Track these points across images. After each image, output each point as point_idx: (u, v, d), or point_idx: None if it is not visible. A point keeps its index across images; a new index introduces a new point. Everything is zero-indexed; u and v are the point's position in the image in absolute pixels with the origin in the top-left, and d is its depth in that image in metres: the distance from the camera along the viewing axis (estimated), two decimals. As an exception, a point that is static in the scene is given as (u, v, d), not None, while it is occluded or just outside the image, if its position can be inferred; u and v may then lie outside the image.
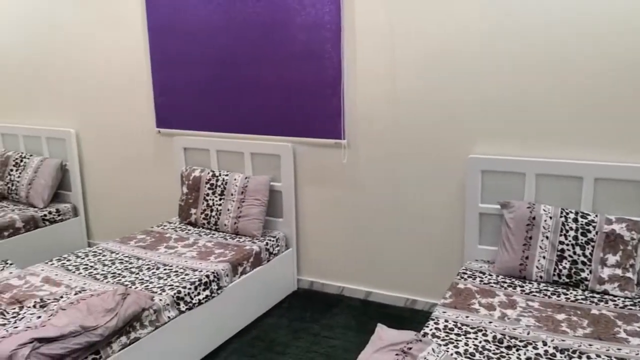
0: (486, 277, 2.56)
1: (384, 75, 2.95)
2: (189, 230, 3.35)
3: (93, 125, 3.99)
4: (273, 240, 3.21)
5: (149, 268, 2.75)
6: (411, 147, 2.97)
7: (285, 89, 3.21)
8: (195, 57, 3.44)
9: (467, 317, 2.16)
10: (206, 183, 3.37)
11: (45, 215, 3.86)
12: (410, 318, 3.05)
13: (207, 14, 3.33)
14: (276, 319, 3.09)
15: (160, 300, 2.38)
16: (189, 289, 2.53)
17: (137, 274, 2.68)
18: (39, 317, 2.09)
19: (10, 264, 2.72)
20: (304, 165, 3.30)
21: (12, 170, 4.07)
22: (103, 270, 2.72)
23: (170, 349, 2.42)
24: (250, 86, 3.31)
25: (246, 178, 3.29)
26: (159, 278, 2.62)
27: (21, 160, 4.08)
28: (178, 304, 2.45)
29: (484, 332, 2.04)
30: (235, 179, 3.30)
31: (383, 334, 1.89)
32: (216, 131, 3.49)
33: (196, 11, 3.36)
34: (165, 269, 2.73)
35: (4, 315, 2.11)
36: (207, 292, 2.63)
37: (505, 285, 2.46)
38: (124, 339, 2.16)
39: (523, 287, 2.43)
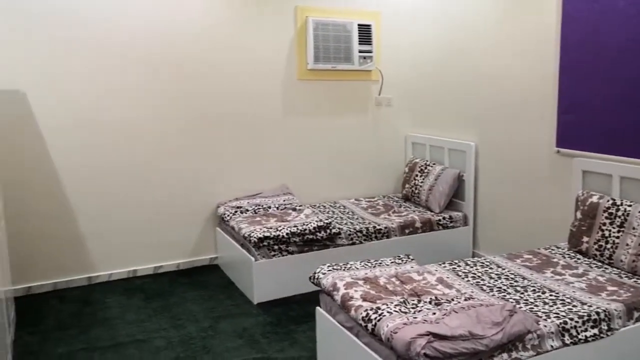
0: None
1: None
2: (578, 259, 3.17)
3: (491, 139, 4.17)
4: (683, 290, 2.75)
5: (534, 290, 2.73)
6: None
7: None
8: (613, 73, 3.21)
9: None
10: (604, 211, 3.12)
11: (439, 220, 4.25)
12: None
13: (633, 29, 3.07)
14: (675, 381, 2.64)
15: (545, 326, 2.33)
16: (576, 322, 2.41)
17: (522, 293, 2.69)
18: (434, 313, 2.32)
19: (412, 259, 3.10)
20: None
21: (417, 175, 4.62)
22: (489, 283, 2.83)
23: (548, 378, 2.35)
24: (676, 110, 2.90)
25: (656, 213, 2.91)
26: (545, 303, 2.57)
27: (425, 168, 4.59)
28: (563, 335, 2.36)
29: None
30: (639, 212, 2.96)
31: None
32: (624, 155, 3.19)
33: (620, 24, 3.13)
34: (551, 295, 2.66)
35: (406, 305, 2.43)
36: (596, 331, 2.45)
37: None
38: (505, 356, 2.21)
39: None
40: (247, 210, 4.14)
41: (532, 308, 2.51)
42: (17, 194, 3.74)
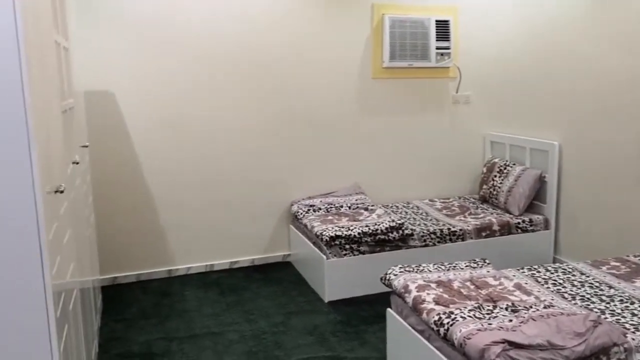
0: None
1: None
2: (674, 268, 2.94)
3: (577, 138, 3.94)
4: None
5: (621, 300, 2.55)
6: None
7: None
8: None
9: None
10: None
11: (518, 223, 4.08)
12: None
13: None
14: None
15: (633, 339, 2.18)
16: (670, 337, 2.23)
17: (608, 303, 2.53)
18: (510, 320, 2.23)
19: (488, 264, 2.99)
20: None
21: (495, 176, 4.45)
22: (571, 291, 2.68)
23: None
24: None
25: None
26: (633, 314, 2.40)
27: (505, 168, 4.41)
28: (654, 350, 2.19)
29: None
30: None
31: None
32: None
33: None
34: (640, 306, 2.48)
35: (480, 310, 2.35)
36: (692, 347, 2.25)
37: None
38: (587, 368, 2.09)
39: None
40: (320, 208, 4.16)
41: (619, 319, 2.35)
42: (106, 192, 3.95)
